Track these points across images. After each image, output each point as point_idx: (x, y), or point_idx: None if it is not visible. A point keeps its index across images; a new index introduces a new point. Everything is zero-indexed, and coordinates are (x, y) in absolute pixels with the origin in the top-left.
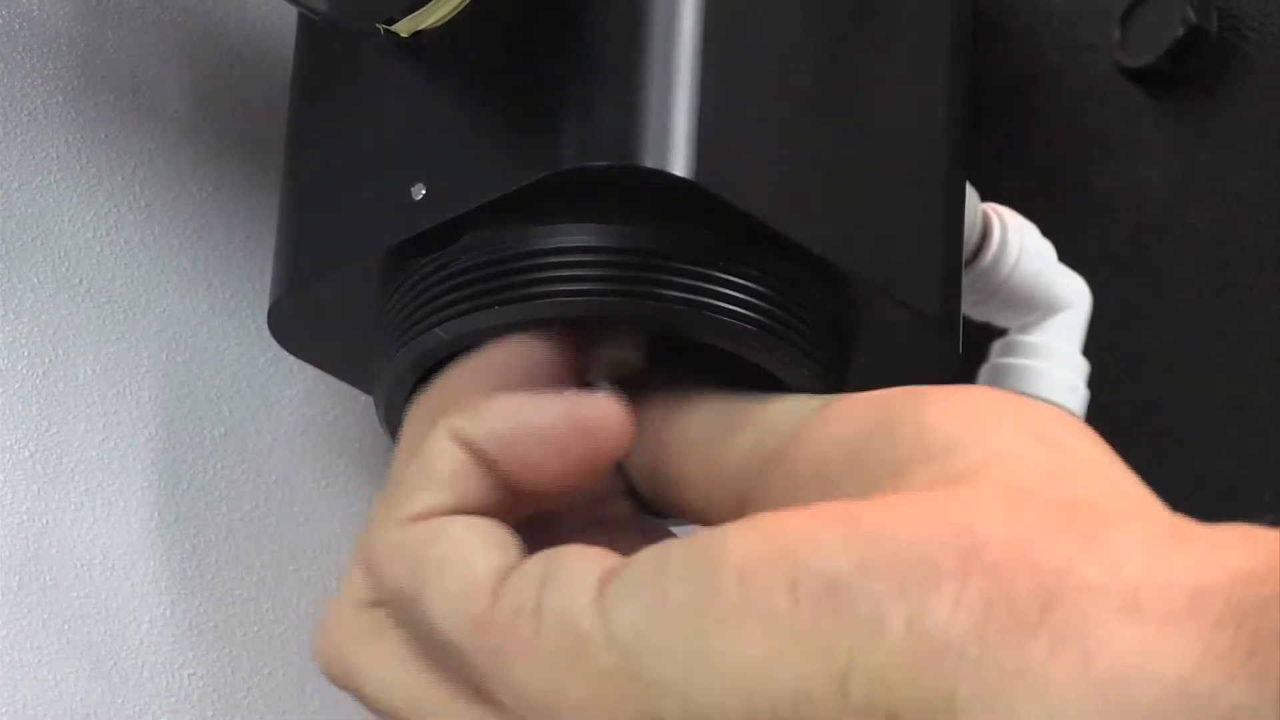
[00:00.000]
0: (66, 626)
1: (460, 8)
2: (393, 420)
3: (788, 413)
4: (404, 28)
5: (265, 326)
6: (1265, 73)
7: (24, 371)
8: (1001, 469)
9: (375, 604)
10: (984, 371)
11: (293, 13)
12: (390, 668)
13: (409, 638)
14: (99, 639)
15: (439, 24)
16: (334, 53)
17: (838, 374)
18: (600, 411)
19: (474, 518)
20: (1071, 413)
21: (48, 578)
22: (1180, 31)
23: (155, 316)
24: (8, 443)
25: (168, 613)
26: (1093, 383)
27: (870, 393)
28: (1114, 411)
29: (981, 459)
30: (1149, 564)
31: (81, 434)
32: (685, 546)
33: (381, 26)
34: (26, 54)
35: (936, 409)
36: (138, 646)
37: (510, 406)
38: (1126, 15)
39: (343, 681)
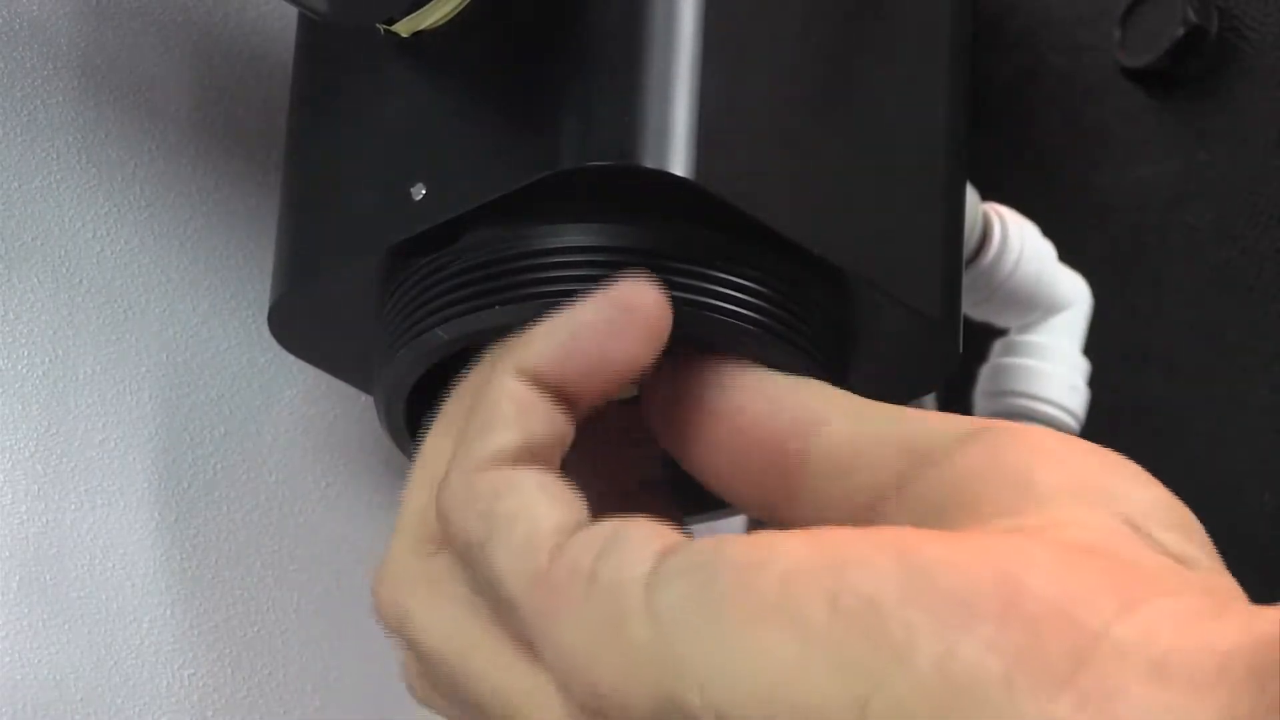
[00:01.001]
0: (67, 626)
1: (460, 8)
2: (393, 420)
3: (944, 439)
4: (404, 28)
5: (265, 326)
6: (1265, 73)
7: (24, 371)
8: (1071, 530)
9: (439, 549)
10: (984, 371)
11: (293, 13)
12: (445, 614)
13: (468, 587)
14: (99, 639)
15: (439, 24)
16: (334, 53)
17: (838, 374)
18: (634, 288)
19: (546, 473)
20: (1074, 413)
21: (48, 578)
22: (1180, 31)
23: (155, 316)
24: (8, 443)
25: (168, 613)
26: (1093, 383)
27: (990, 435)
28: (1114, 411)
29: (1056, 521)
30: (1184, 633)
31: (81, 434)
32: (744, 542)
33: (381, 26)
34: (26, 54)
35: (1047, 465)
36: (138, 646)
37: (555, 324)
38: (1126, 15)
39: (395, 624)
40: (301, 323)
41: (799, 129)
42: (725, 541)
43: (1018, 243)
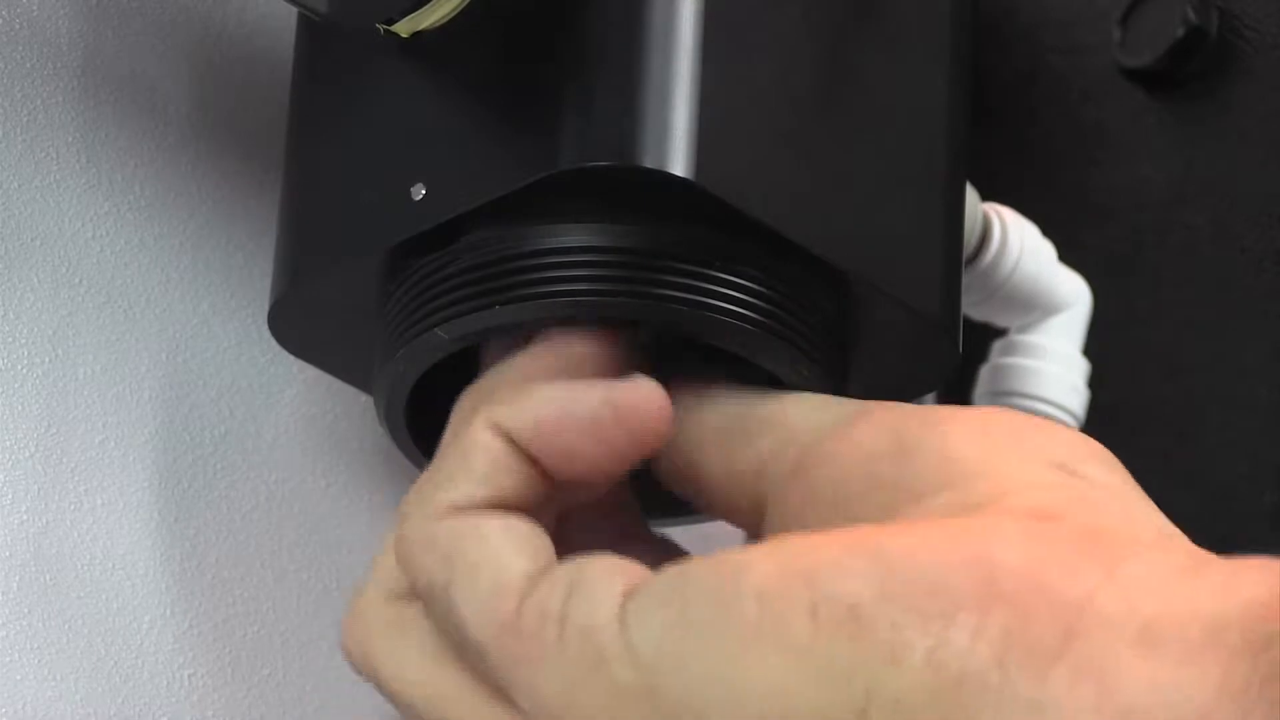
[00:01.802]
0: (66, 626)
1: (460, 8)
2: (393, 420)
3: (808, 422)
4: (404, 28)
5: (265, 326)
6: (1265, 73)
7: (24, 371)
8: (1020, 497)
9: (405, 595)
10: (984, 371)
11: (293, 13)
12: (413, 661)
13: (435, 632)
14: (99, 639)
15: (439, 24)
16: (334, 53)
17: (838, 374)
18: (641, 397)
19: (510, 518)
20: (1074, 413)
21: (47, 578)
22: (1180, 31)
23: (155, 316)
24: (7, 443)
25: (168, 613)
26: (1093, 383)
27: (889, 411)
28: (1114, 411)
29: (1001, 487)
30: (1166, 596)
31: (81, 434)
32: (708, 566)
33: (381, 26)
34: (26, 54)
35: (957, 435)
36: (138, 646)
37: (549, 395)
38: (1126, 15)
39: (365, 671)
40: (301, 323)
41: (799, 129)
42: (690, 568)
43: (1018, 243)
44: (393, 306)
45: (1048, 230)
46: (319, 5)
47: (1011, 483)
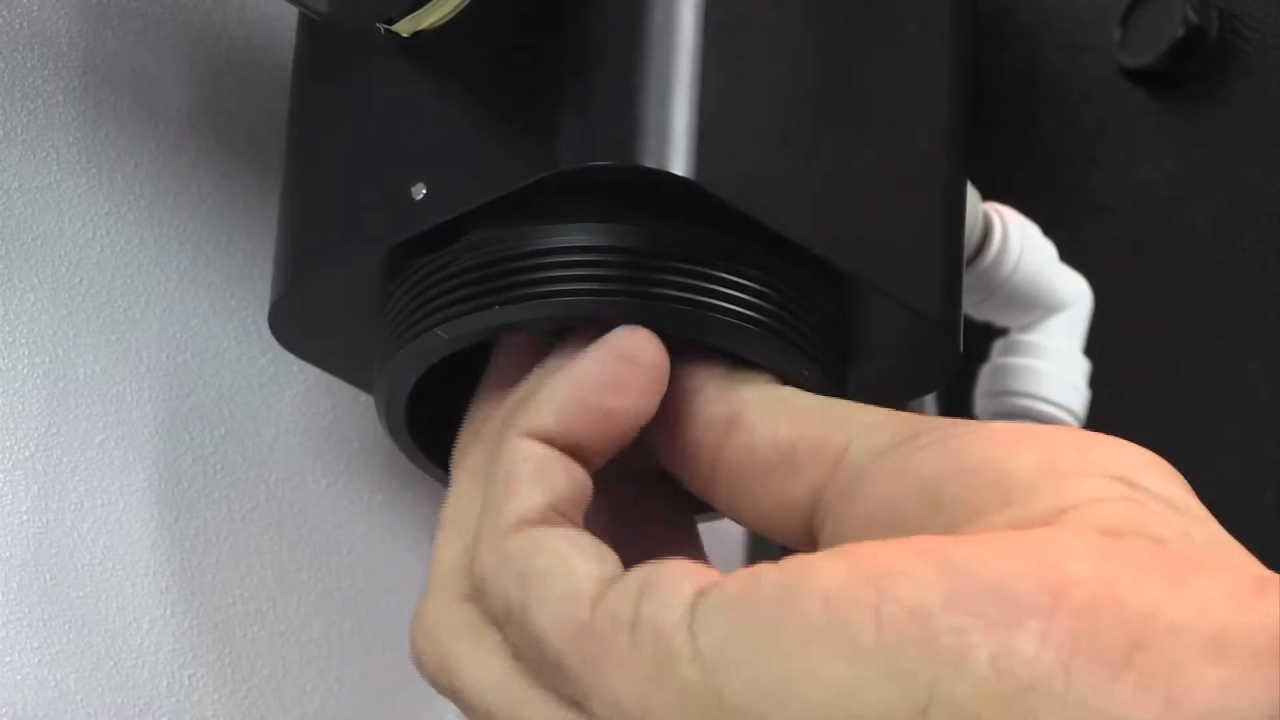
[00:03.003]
0: (66, 627)
1: (460, 7)
2: (393, 420)
3: (861, 447)
4: (404, 28)
5: (265, 326)
6: (1265, 73)
7: (24, 371)
8: (1084, 512)
9: (474, 598)
10: (984, 371)
11: (293, 13)
12: (494, 666)
13: (512, 649)
14: (99, 639)
15: (439, 24)
16: (334, 53)
17: (838, 374)
18: (633, 338)
19: (573, 529)
20: (1074, 413)
21: (48, 578)
22: (1180, 31)
23: (155, 316)
24: (7, 443)
25: (168, 613)
26: (1093, 383)
27: (943, 429)
28: (1114, 411)
29: (1062, 502)
30: (1235, 607)
31: (81, 434)
32: (777, 569)
33: (381, 26)
34: (26, 54)
35: (1017, 452)
36: (138, 646)
37: (558, 381)
38: (1126, 15)
39: (441, 679)
40: (301, 323)
41: (799, 129)
42: (760, 572)
43: (1018, 242)
44: (393, 306)
45: (1048, 230)
46: (319, 5)
47: (1073, 497)
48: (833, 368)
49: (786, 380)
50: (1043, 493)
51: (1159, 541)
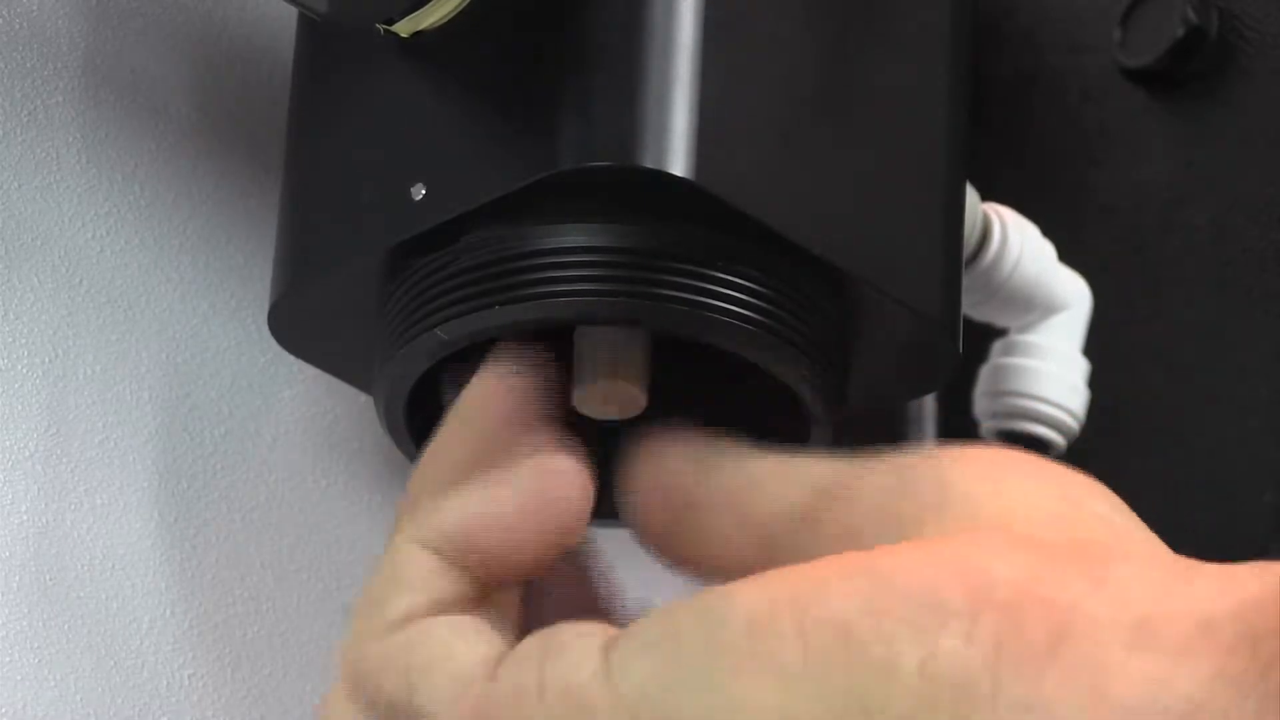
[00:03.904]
0: (66, 627)
1: (460, 8)
2: (393, 420)
3: (821, 467)
4: (404, 28)
5: (265, 326)
6: (1265, 73)
7: (24, 371)
8: (1012, 516)
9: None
10: (984, 371)
11: (293, 13)
12: None
13: None
14: (99, 639)
15: (439, 24)
16: (334, 53)
17: (838, 374)
18: (558, 470)
19: (455, 616)
20: (1074, 413)
21: (47, 578)
22: (1180, 31)
23: (155, 316)
24: (7, 443)
25: (168, 613)
26: (1093, 383)
27: (897, 456)
28: (1114, 411)
29: (994, 509)
30: (1157, 596)
31: (81, 434)
32: (692, 604)
33: (381, 26)
34: (26, 54)
35: (958, 468)
36: (138, 646)
37: (467, 497)
38: (1126, 15)
39: None
40: (301, 323)
41: (799, 129)
42: (673, 609)
43: (1018, 243)
44: (393, 306)
45: (1048, 230)
46: (319, 5)
47: (1005, 505)
48: (832, 367)
49: (786, 380)
50: (975, 501)
51: (1081, 538)
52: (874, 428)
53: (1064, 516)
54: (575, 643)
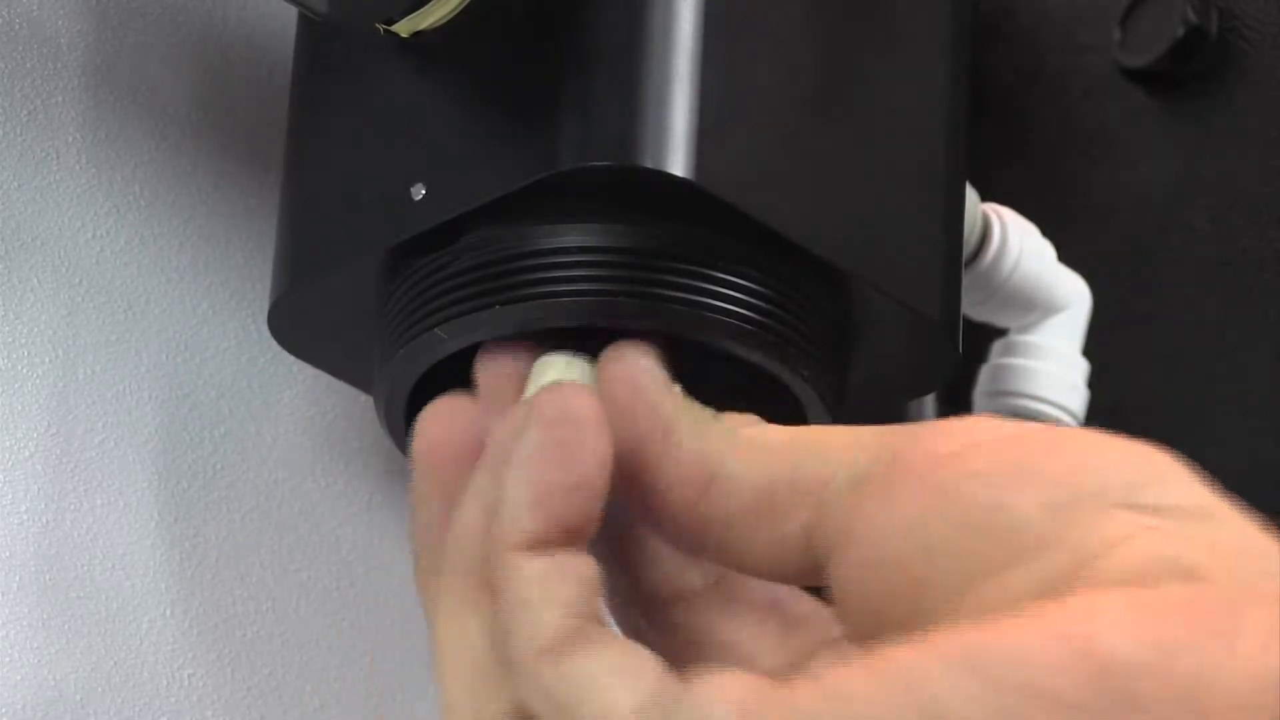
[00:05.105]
0: (67, 626)
1: (460, 8)
2: (393, 420)
3: (843, 481)
4: (404, 28)
5: (265, 326)
6: (1265, 73)
7: (24, 371)
8: (1109, 562)
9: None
10: (984, 371)
11: (293, 13)
12: None
13: None
14: (99, 639)
15: (439, 24)
16: (334, 53)
17: (838, 374)
18: (556, 401)
19: (604, 645)
20: (1073, 413)
21: (47, 578)
22: (1180, 31)
23: (155, 316)
24: (7, 443)
25: (168, 613)
26: (1093, 383)
27: (924, 447)
28: (1114, 411)
29: (1078, 554)
30: None
31: (81, 434)
32: (807, 692)
33: (381, 26)
34: (26, 54)
35: (1014, 494)
36: (138, 646)
37: (515, 478)
38: (1126, 15)
39: None
40: (301, 323)
41: (799, 129)
42: (798, 698)
43: (1017, 243)
44: (393, 306)
45: (1047, 230)
46: (319, 5)
47: (1090, 545)
48: (832, 368)
49: (786, 380)
50: (1053, 542)
51: (1192, 577)
52: None
53: (1151, 540)
54: (713, 705)
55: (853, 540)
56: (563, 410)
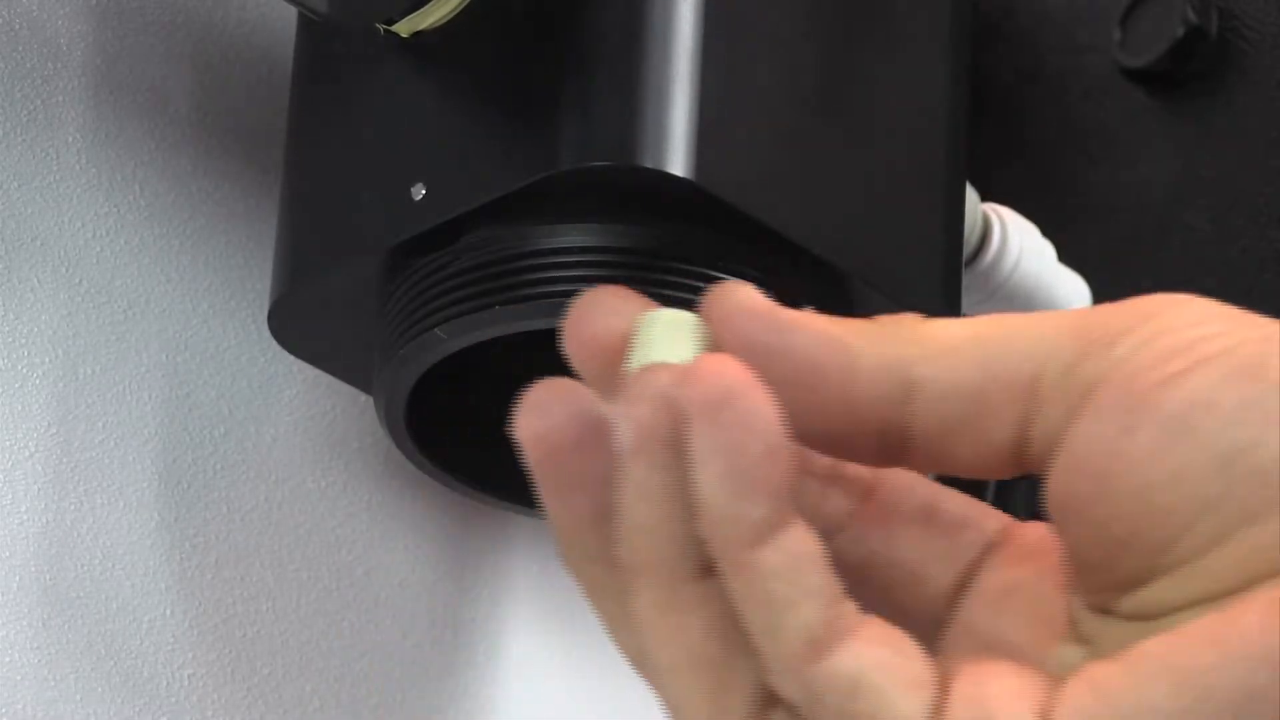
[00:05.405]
0: (66, 627)
1: (460, 8)
2: (393, 420)
3: (1051, 371)
4: (404, 28)
5: (265, 326)
6: (1265, 73)
7: (24, 372)
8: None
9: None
10: None
11: (293, 13)
12: None
13: None
14: (99, 639)
15: (439, 24)
16: (334, 53)
17: None
18: (716, 377)
19: (877, 645)
20: None
21: (48, 578)
22: (1180, 31)
23: (155, 316)
24: (8, 443)
25: (168, 613)
26: None
27: (1143, 377)
28: None
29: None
30: None
31: (81, 434)
32: (1128, 678)
33: (381, 26)
34: (26, 54)
35: (1265, 437)
36: (138, 646)
37: (710, 470)
38: (1126, 15)
39: None
40: (301, 323)
41: (798, 129)
42: (1109, 688)
43: (1017, 243)
44: (393, 306)
45: (1047, 230)
46: (319, 5)
47: (1244, 541)
48: None
49: None
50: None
51: None
52: None
53: None
54: (1009, 709)
55: (1079, 451)
56: (723, 390)
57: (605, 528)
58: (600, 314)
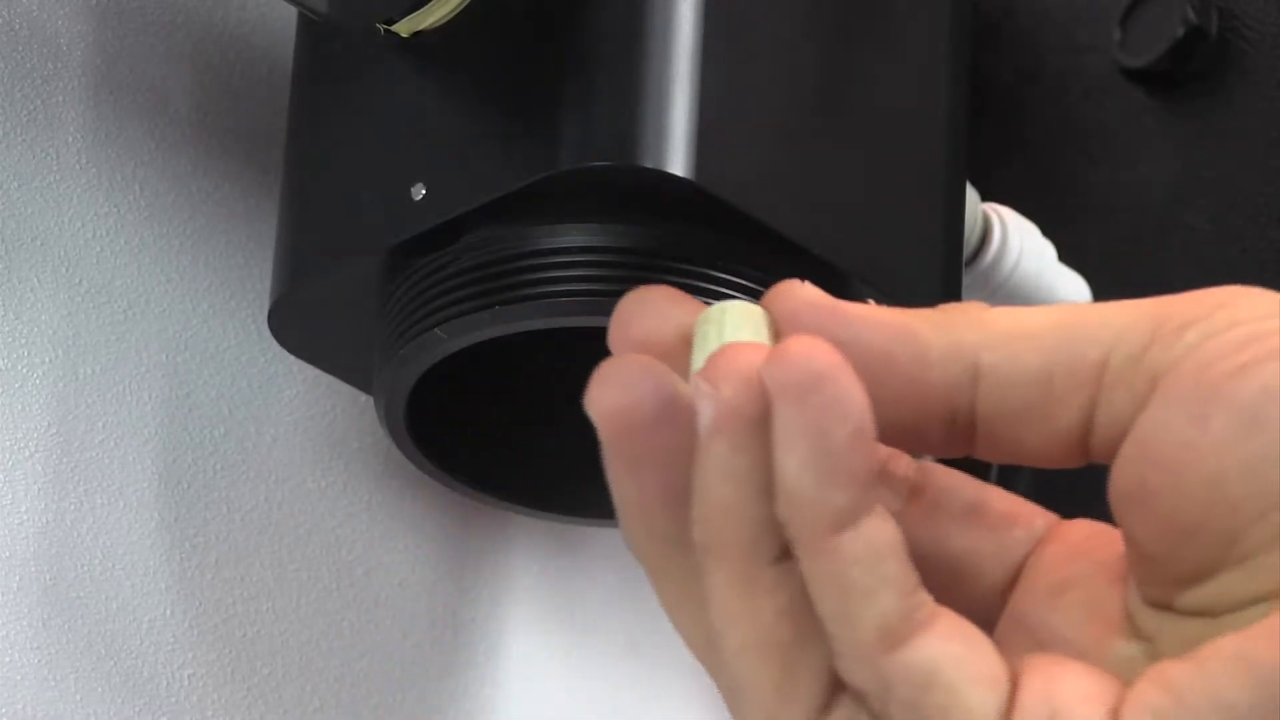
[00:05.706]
0: (66, 627)
1: (460, 7)
2: (393, 420)
3: (1118, 358)
4: (404, 28)
5: (265, 326)
6: (1265, 73)
7: (24, 372)
8: None
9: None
10: None
11: (293, 13)
12: None
13: None
14: (99, 639)
15: (439, 24)
16: (334, 53)
17: None
18: (803, 358)
19: (950, 640)
20: None
21: (48, 578)
22: (1180, 31)
23: (155, 316)
24: (7, 443)
25: (168, 613)
26: None
27: (1213, 368)
28: None
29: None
30: None
31: (81, 434)
32: (1182, 690)
33: (381, 26)
34: (26, 54)
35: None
36: (138, 646)
37: (794, 461)
38: (1126, 15)
39: None
40: (301, 323)
41: (798, 129)
42: (1183, 687)
43: (1017, 243)
44: (393, 306)
45: (1047, 230)
46: (319, 5)
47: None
48: None
49: None
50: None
51: None
52: None
53: None
54: (1081, 714)
55: (1147, 440)
56: (813, 372)
57: (675, 507)
58: (648, 314)
